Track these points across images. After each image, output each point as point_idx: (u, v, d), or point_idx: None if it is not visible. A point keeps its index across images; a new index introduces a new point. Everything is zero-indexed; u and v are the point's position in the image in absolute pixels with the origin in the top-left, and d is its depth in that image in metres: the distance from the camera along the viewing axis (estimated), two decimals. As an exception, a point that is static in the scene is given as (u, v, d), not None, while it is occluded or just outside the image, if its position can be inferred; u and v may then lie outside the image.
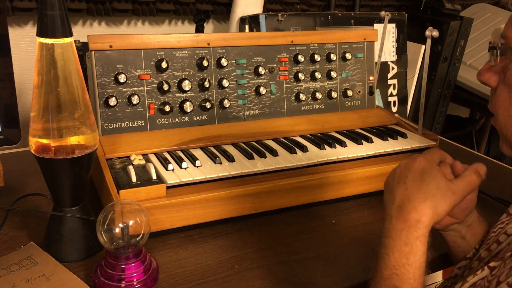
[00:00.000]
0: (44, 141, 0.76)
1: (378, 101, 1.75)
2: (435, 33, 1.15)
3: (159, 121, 1.04)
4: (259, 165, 0.97)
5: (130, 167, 0.90)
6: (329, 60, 1.21)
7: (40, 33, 0.73)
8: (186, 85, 1.04)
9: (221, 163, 0.96)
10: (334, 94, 1.22)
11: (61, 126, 0.76)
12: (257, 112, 1.14)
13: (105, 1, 1.49)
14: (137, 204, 0.78)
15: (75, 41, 0.78)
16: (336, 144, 1.08)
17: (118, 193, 0.84)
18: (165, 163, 0.94)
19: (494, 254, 0.69)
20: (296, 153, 1.04)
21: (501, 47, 0.65)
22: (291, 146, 1.05)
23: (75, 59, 0.76)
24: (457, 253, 0.81)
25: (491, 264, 0.62)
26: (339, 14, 1.64)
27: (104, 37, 0.98)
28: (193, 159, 0.96)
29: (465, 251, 0.79)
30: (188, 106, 1.05)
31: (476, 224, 0.80)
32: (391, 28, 1.75)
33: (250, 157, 0.99)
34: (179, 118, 1.06)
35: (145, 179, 0.88)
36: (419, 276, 0.62)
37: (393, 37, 1.77)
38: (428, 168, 0.67)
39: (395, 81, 1.79)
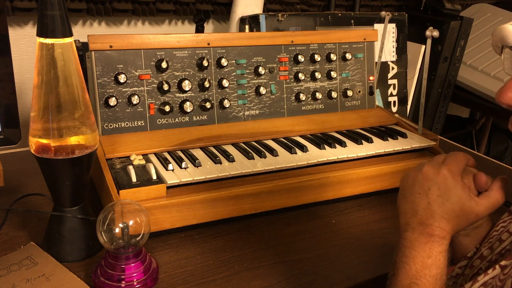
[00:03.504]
0: (44, 141, 0.76)
1: (378, 101, 1.75)
2: (435, 33, 1.15)
3: (159, 121, 1.04)
4: (259, 165, 0.97)
5: (130, 167, 0.90)
6: (329, 60, 1.21)
7: (40, 33, 0.73)
8: (186, 85, 1.04)
9: (221, 163, 0.96)
10: (334, 94, 1.22)
11: (61, 126, 0.76)
12: (257, 112, 1.14)
13: (105, 1, 1.48)
14: (137, 204, 0.78)
15: (75, 41, 0.78)
16: (336, 144, 1.08)
17: (118, 193, 0.84)
18: (165, 163, 0.94)
19: (497, 252, 0.69)
20: (296, 153, 1.04)
21: None
22: (291, 146, 1.05)
23: (75, 59, 0.76)
24: (458, 250, 0.81)
25: (503, 263, 0.62)
26: (339, 14, 1.64)
27: (104, 37, 0.98)
28: (193, 159, 0.96)
29: (466, 249, 0.79)
30: (188, 106, 1.05)
31: (484, 225, 0.78)
32: (391, 28, 1.75)
33: (250, 157, 0.99)
34: (179, 118, 1.06)
35: (145, 179, 0.88)
36: (439, 287, 0.62)
37: (393, 37, 1.77)
38: (453, 185, 0.65)
39: (395, 81, 1.79)
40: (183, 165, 0.94)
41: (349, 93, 1.24)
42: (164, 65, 1.02)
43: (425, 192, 0.66)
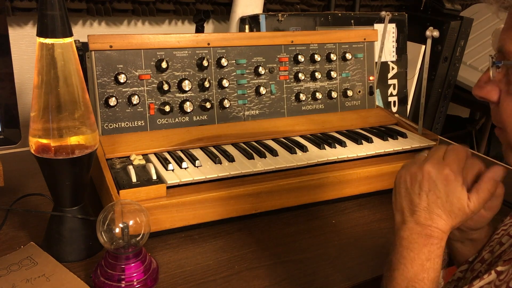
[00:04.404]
0: (44, 141, 0.76)
1: (378, 101, 1.75)
2: (435, 33, 1.15)
3: (159, 121, 1.04)
4: (259, 165, 0.97)
5: (130, 167, 0.90)
6: (329, 60, 1.21)
7: (40, 33, 0.73)
8: (186, 85, 1.04)
9: (221, 163, 0.96)
10: (334, 94, 1.22)
11: (61, 126, 0.76)
12: (257, 112, 1.14)
13: (105, 1, 1.48)
14: (137, 204, 0.78)
15: (75, 41, 0.78)
16: (336, 144, 1.08)
17: (118, 193, 0.84)
18: (165, 163, 0.94)
19: (497, 255, 0.69)
20: (296, 153, 1.04)
21: (507, 62, 0.61)
22: (291, 146, 1.05)
23: (75, 59, 0.76)
24: (457, 255, 0.81)
25: (498, 268, 0.61)
26: (339, 14, 1.64)
27: (104, 37, 0.98)
28: (193, 159, 0.96)
29: (466, 255, 0.79)
30: (188, 106, 1.05)
31: (481, 239, 0.77)
32: (391, 28, 1.75)
33: (250, 157, 0.99)
34: (179, 118, 1.06)
35: (145, 179, 0.88)
36: None
37: (393, 37, 1.77)
38: (455, 187, 0.64)
39: (395, 81, 1.79)
40: (183, 165, 0.94)
41: (349, 93, 1.24)
42: (164, 65, 1.02)
43: (425, 193, 0.64)
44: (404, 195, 0.66)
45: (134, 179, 0.87)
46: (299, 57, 1.17)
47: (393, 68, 1.78)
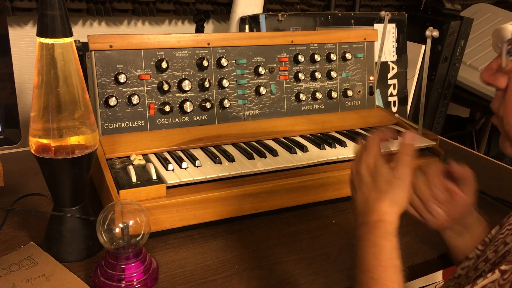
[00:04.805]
0: (44, 141, 0.76)
1: (378, 101, 1.75)
2: (435, 33, 1.15)
3: (159, 121, 1.04)
4: (259, 165, 0.97)
5: (130, 167, 0.90)
6: (329, 60, 1.21)
7: (40, 33, 0.73)
8: (186, 85, 1.04)
9: (221, 163, 0.96)
10: (334, 94, 1.22)
11: (61, 126, 0.76)
12: (257, 112, 1.14)
13: (105, 1, 1.48)
14: (137, 204, 0.78)
15: (75, 41, 0.78)
16: (336, 144, 1.08)
17: (118, 193, 0.84)
18: (165, 163, 0.94)
19: (501, 255, 0.69)
20: (296, 153, 1.04)
21: None
22: (291, 146, 1.05)
23: (75, 59, 0.76)
24: (456, 254, 0.81)
25: (502, 267, 0.61)
26: (339, 14, 1.64)
27: (104, 37, 0.98)
28: (193, 159, 0.96)
29: (464, 251, 0.79)
30: (188, 106, 1.05)
31: (476, 225, 0.80)
32: (391, 28, 1.75)
33: (250, 157, 0.99)
34: (179, 118, 1.06)
35: (145, 179, 0.88)
36: (396, 278, 0.61)
37: (393, 37, 1.76)
38: (373, 167, 0.69)
39: (395, 81, 1.79)
40: (183, 165, 0.94)
41: (349, 93, 1.24)
42: (164, 65, 1.02)
43: (359, 190, 0.70)
44: (352, 201, 0.71)
45: (134, 179, 0.87)
46: (299, 57, 1.17)
47: (393, 68, 1.78)
